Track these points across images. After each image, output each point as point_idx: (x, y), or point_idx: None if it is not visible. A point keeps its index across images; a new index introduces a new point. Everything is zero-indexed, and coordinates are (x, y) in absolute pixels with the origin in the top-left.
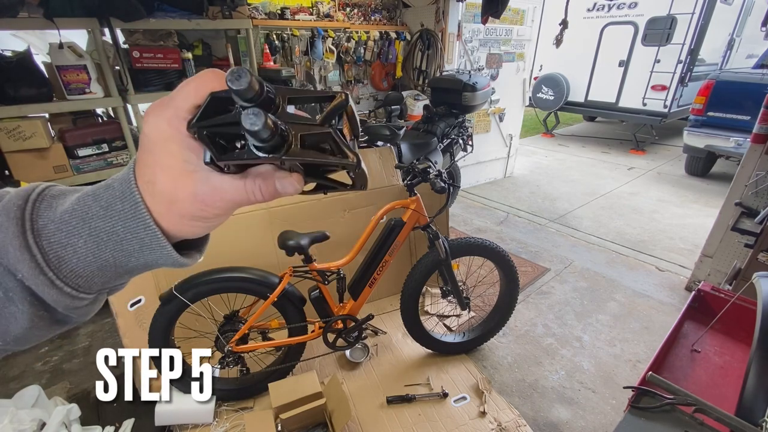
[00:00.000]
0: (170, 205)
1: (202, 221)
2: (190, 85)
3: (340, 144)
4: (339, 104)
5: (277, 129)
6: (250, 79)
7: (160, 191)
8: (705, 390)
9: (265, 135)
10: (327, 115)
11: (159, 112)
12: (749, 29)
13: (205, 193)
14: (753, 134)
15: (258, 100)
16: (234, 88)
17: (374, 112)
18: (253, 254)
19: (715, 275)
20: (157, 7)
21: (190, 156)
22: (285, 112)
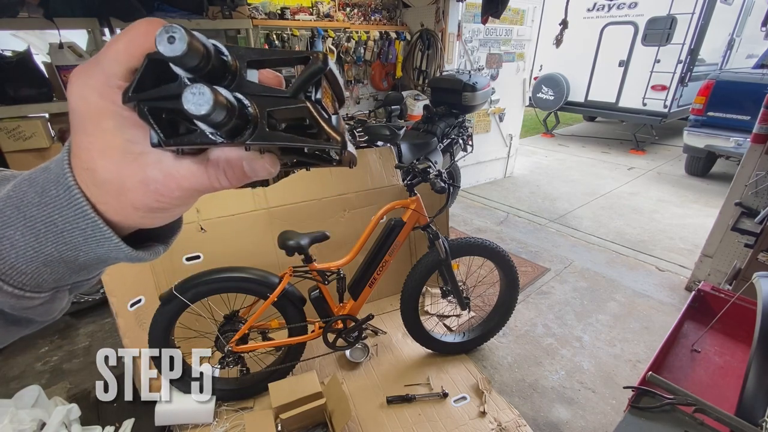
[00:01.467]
0: (119, 195)
1: (160, 212)
2: (120, 42)
3: (320, 121)
4: (314, 70)
5: (234, 108)
6: (188, 40)
7: (103, 180)
8: (705, 390)
9: (218, 118)
10: (299, 83)
11: (85, 80)
12: (749, 29)
13: (158, 181)
14: (753, 134)
15: (205, 69)
16: (166, 55)
17: (374, 112)
18: (253, 254)
19: (715, 275)
20: (157, 7)
21: (134, 134)
22: (245, 81)
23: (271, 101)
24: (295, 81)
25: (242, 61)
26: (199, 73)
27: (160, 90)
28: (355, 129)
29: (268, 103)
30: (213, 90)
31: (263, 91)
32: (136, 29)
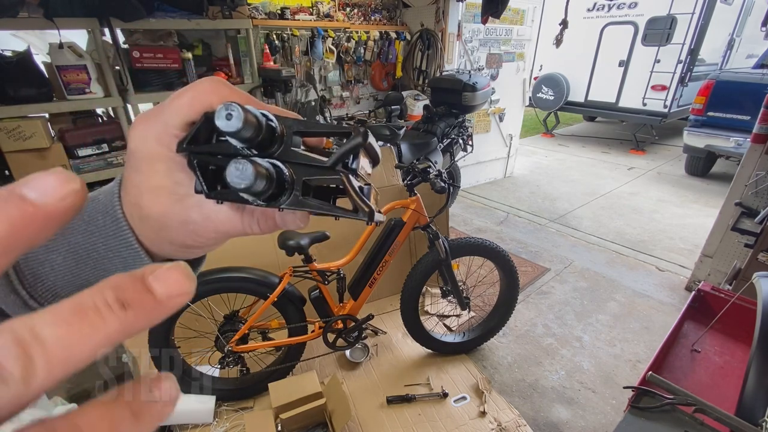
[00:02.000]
0: (159, 231)
1: (193, 249)
2: (184, 97)
3: (352, 194)
4: (354, 145)
5: (272, 180)
6: (243, 117)
7: (147, 215)
8: (705, 390)
9: (257, 189)
10: (339, 156)
11: (147, 126)
12: (749, 29)
13: (197, 223)
14: (753, 134)
15: (256, 140)
16: (224, 130)
17: (374, 112)
18: (253, 254)
19: (715, 275)
20: (157, 7)
21: (182, 178)
22: (290, 150)
23: (310, 170)
24: (335, 153)
25: (289, 130)
26: (251, 144)
27: (212, 147)
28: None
29: (307, 172)
30: (254, 165)
31: (305, 160)
32: (200, 87)
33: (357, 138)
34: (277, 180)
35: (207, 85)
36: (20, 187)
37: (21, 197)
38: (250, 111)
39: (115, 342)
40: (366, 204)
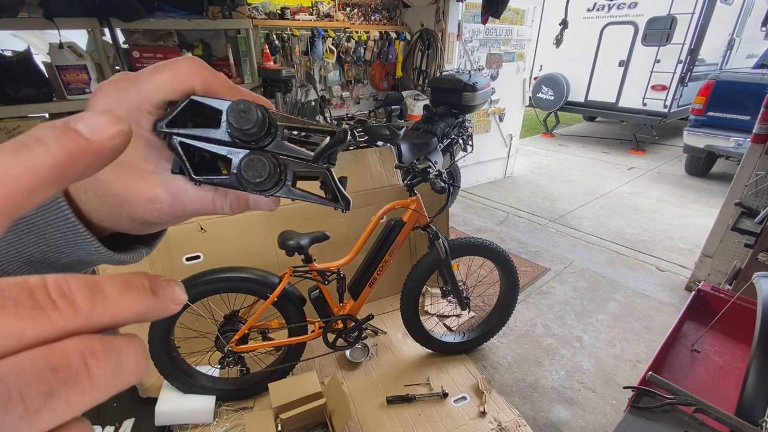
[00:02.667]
0: (119, 207)
1: (155, 225)
2: (164, 75)
3: (333, 186)
4: (337, 141)
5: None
6: (257, 117)
7: (108, 191)
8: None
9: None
10: (322, 151)
11: (118, 97)
12: (749, 29)
13: (165, 201)
14: (753, 134)
15: (258, 135)
16: (235, 126)
17: (374, 112)
18: (253, 254)
19: (715, 275)
20: (157, 7)
21: (150, 154)
22: (280, 143)
23: (298, 164)
24: (319, 149)
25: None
26: (251, 138)
27: (201, 132)
28: (355, 129)
29: (294, 164)
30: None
31: (293, 153)
32: (182, 67)
33: (340, 137)
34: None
35: (189, 65)
36: (75, 122)
37: (76, 131)
38: (259, 109)
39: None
40: (344, 195)
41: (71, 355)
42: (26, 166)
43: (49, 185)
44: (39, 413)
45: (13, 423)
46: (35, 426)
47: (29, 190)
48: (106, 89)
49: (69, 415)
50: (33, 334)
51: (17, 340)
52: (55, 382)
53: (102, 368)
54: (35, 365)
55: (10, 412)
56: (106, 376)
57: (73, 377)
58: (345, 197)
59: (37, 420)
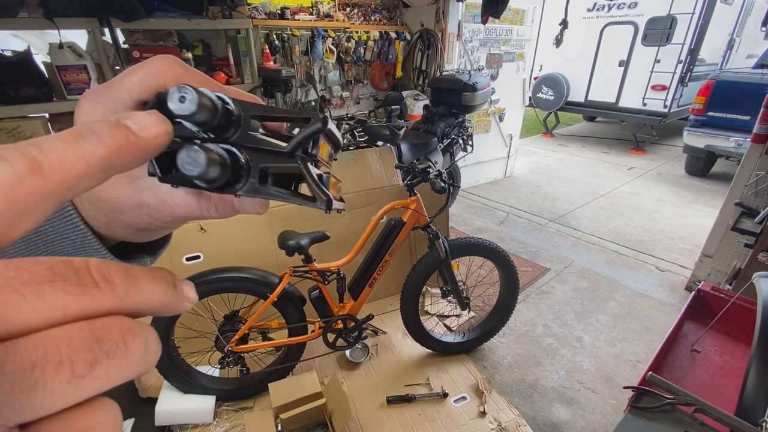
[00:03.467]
0: (111, 214)
1: (151, 231)
2: (136, 75)
3: (309, 181)
4: (313, 131)
5: (227, 167)
6: (198, 100)
7: (100, 198)
8: (705, 390)
9: (211, 176)
10: (298, 142)
11: (95, 104)
12: (749, 29)
13: (152, 206)
14: (753, 134)
15: (212, 124)
16: (177, 113)
17: (374, 112)
18: (253, 254)
19: (715, 275)
20: (157, 7)
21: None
22: (248, 135)
23: (269, 157)
24: (294, 139)
25: (247, 114)
26: (206, 127)
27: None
28: (355, 129)
29: (264, 159)
30: (207, 152)
31: (264, 145)
32: (153, 66)
33: (316, 124)
34: (232, 167)
35: (160, 63)
36: (126, 119)
37: (127, 127)
38: (205, 94)
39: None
40: (324, 192)
41: (113, 329)
42: (81, 154)
43: (97, 174)
44: (83, 379)
45: (61, 385)
46: (79, 391)
47: (80, 176)
48: (87, 96)
49: (106, 385)
50: (77, 308)
51: (63, 313)
52: (99, 352)
53: (137, 345)
54: (82, 334)
55: (59, 375)
56: (139, 354)
57: (113, 350)
58: (324, 195)
59: (81, 385)
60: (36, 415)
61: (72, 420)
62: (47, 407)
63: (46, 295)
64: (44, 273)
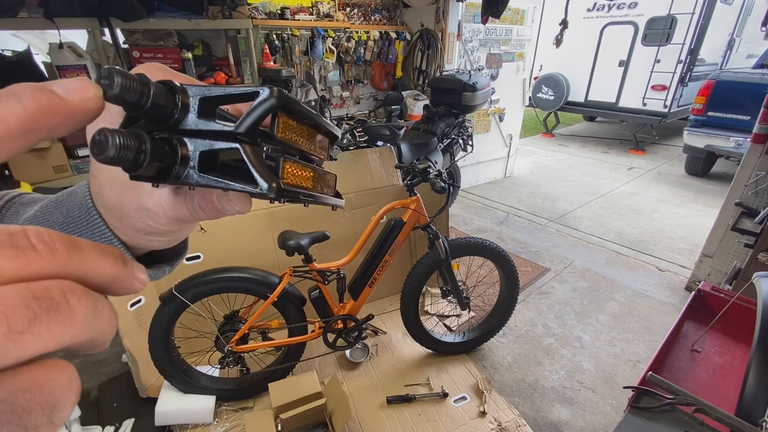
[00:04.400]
0: (121, 218)
1: (157, 236)
2: None
3: (248, 163)
4: (268, 108)
5: (143, 152)
6: (120, 81)
7: (108, 204)
8: (705, 390)
9: (123, 164)
10: (252, 122)
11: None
12: (749, 29)
13: (150, 209)
14: (753, 134)
15: (144, 107)
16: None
17: (374, 112)
18: (253, 254)
19: (715, 275)
20: (157, 7)
21: None
22: (191, 119)
23: (208, 143)
24: (244, 118)
25: (195, 98)
26: (140, 111)
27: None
28: (355, 129)
29: (206, 143)
30: (114, 135)
31: (208, 127)
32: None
33: (270, 100)
34: (153, 153)
35: (143, 70)
36: (51, 84)
37: (51, 90)
38: (131, 76)
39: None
40: (269, 176)
41: (52, 289)
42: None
43: (19, 137)
44: (23, 335)
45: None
46: (19, 347)
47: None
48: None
49: (52, 344)
50: (11, 270)
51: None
52: (38, 309)
53: (82, 306)
54: (18, 293)
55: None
56: (86, 315)
57: (55, 308)
58: (266, 178)
59: (21, 341)
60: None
61: (19, 375)
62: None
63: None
64: None
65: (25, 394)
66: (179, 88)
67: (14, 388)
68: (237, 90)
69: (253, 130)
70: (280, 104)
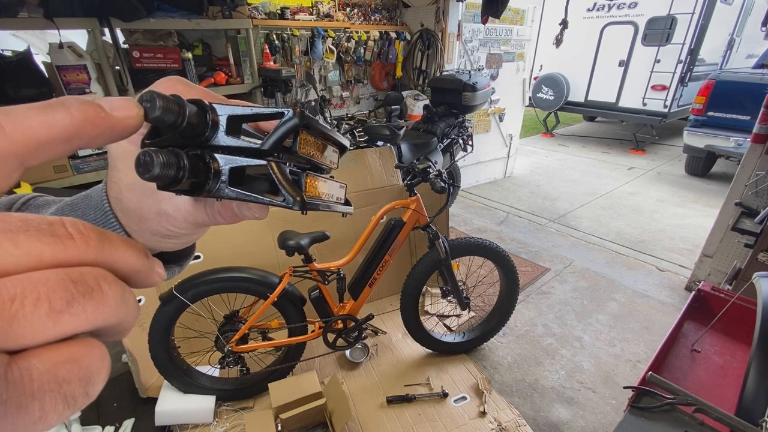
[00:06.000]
0: (139, 222)
1: (174, 239)
2: None
3: (277, 179)
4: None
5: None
6: (161, 103)
7: (127, 208)
8: (705, 390)
9: (167, 178)
10: (277, 139)
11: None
12: (749, 29)
13: (169, 214)
14: (753, 134)
15: (180, 127)
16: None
17: (374, 112)
18: (253, 254)
19: (715, 275)
20: (157, 6)
21: None
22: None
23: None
24: (270, 136)
25: (223, 116)
26: (177, 130)
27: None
28: (355, 129)
29: (239, 160)
30: (157, 155)
31: (236, 143)
32: (158, 87)
33: (293, 120)
34: (191, 168)
35: (164, 83)
36: (99, 99)
37: (98, 104)
38: (169, 98)
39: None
40: (292, 190)
41: (88, 275)
42: (45, 121)
43: (61, 142)
44: (61, 315)
45: (40, 319)
46: (59, 326)
47: (42, 141)
48: None
49: (86, 324)
50: (51, 255)
51: (38, 259)
52: (76, 292)
53: (113, 291)
54: (58, 277)
55: (38, 309)
56: (116, 300)
57: (90, 292)
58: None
59: (60, 320)
60: (19, 344)
61: (59, 350)
62: (30, 338)
63: (21, 242)
64: (18, 224)
65: (65, 366)
66: (209, 107)
67: (56, 360)
68: (263, 110)
69: (277, 146)
70: (302, 123)
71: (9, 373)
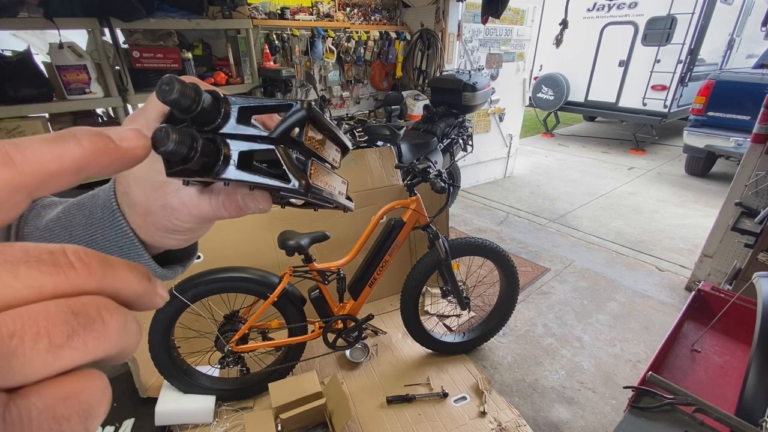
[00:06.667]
0: (145, 216)
1: (178, 233)
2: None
3: (284, 164)
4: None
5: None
6: (178, 88)
7: (134, 202)
8: (705, 390)
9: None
10: (284, 129)
11: (132, 122)
12: (749, 29)
13: (174, 207)
14: (753, 134)
15: (195, 111)
16: (161, 100)
17: (374, 112)
18: (253, 254)
19: (715, 275)
20: (157, 6)
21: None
22: (232, 123)
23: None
24: (277, 125)
25: (235, 106)
26: (191, 115)
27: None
28: (355, 129)
29: (244, 145)
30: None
31: (246, 131)
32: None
33: (301, 111)
34: (203, 149)
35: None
36: (108, 130)
37: (108, 136)
38: (186, 83)
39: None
40: (300, 174)
41: (89, 305)
42: (57, 153)
43: (72, 174)
44: (61, 349)
45: (40, 354)
46: (59, 360)
47: (52, 173)
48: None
49: (86, 357)
50: (52, 287)
51: (38, 291)
52: (76, 325)
53: (114, 321)
54: (59, 309)
55: (37, 344)
56: (118, 330)
57: (91, 323)
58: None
59: (60, 355)
60: (18, 381)
61: (59, 385)
62: (29, 374)
63: (21, 274)
64: (18, 255)
65: (65, 403)
66: (223, 98)
67: (55, 397)
68: (272, 102)
69: (285, 136)
70: (309, 116)
71: (7, 413)
